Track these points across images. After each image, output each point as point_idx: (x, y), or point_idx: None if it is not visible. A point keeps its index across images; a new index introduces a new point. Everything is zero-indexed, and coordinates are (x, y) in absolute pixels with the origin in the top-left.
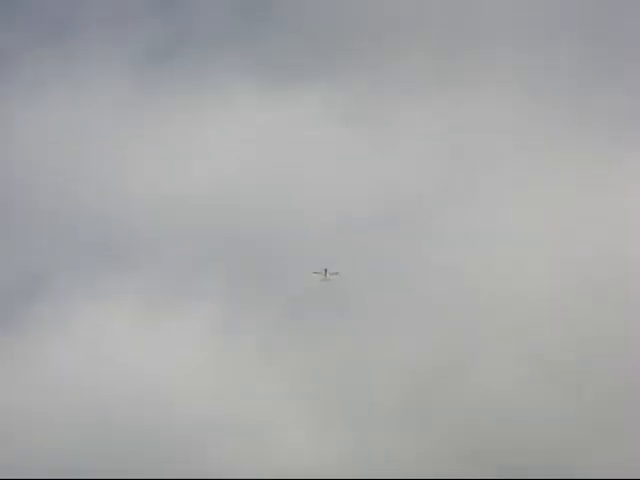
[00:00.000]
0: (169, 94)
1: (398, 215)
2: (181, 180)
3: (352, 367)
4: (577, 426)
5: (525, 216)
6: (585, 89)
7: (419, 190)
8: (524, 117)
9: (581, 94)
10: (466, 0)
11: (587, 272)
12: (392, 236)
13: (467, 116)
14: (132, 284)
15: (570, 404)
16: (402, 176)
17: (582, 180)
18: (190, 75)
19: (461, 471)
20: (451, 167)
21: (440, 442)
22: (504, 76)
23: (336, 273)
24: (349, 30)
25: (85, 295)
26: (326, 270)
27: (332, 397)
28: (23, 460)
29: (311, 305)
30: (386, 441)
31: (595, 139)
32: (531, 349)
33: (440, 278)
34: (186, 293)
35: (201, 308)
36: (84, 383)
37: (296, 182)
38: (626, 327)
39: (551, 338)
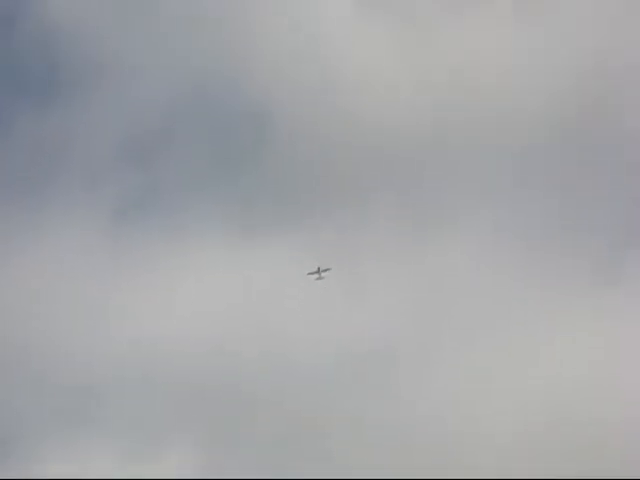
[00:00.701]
0: (145, 242)
1: (368, 363)
2: (158, 327)
3: None
4: None
5: (507, 361)
6: (564, 225)
7: (392, 338)
8: (504, 256)
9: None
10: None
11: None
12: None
13: (444, 260)
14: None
15: None
16: (375, 324)
17: (564, 318)
18: (167, 222)
19: None
20: (427, 314)
21: None
22: (480, 219)
23: (328, 269)
24: (324, 179)
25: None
26: (319, 268)
27: None
28: None
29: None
30: None
31: (576, 276)
32: None
33: (424, 424)
34: (166, 441)
35: (182, 454)
36: None
37: (269, 328)
38: None
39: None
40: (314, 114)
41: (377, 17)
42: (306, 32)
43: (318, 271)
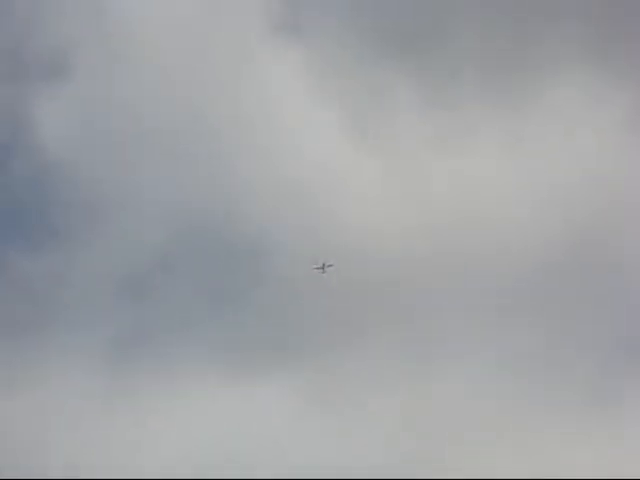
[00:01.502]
0: (139, 380)
1: None
2: (152, 464)
3: None
4: None
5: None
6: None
7: (393, 467)
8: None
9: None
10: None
11: None
12: None
13: (442, 393)
14: None
15: None
16: (376, 454)
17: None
18: (162, 361)
19: None
20: (426, 443)
21: None
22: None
23: (331, 265)
24: (323, 315)
25: None
26: (324, 264)
27: None
28: None
29: None
30: None
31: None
32: None
33: None
34: None
35: None
36: None
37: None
38: None
39: None
40: (310, 250)
41: (365, 148)
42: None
43: (322, 267)
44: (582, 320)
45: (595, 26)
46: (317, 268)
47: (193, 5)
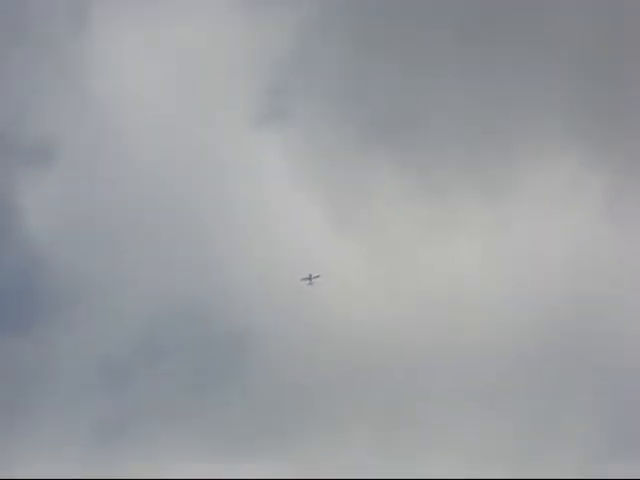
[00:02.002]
0: (121, 466)
1: None
2: None
3: None
4: None
5: None
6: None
7: None
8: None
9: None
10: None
11: None
12: None
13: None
14: None
15: None
16: None
17: None
18: (143, 447)
19: None
20: None
21: None
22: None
23: (318, 276)
24: (306, 400)
25: None
26: (310, 275)
27: None
28: None
29: None
30: None
31: None
32: None
33: None
34: None
35: None
36: None
37: None
38: None
39: None
40: (296, 336)
41: (349, 235)
42: (283, 247)
43: (310, 278)
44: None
45: (576, 114)
46: (304, 279)
47: (178, 95)
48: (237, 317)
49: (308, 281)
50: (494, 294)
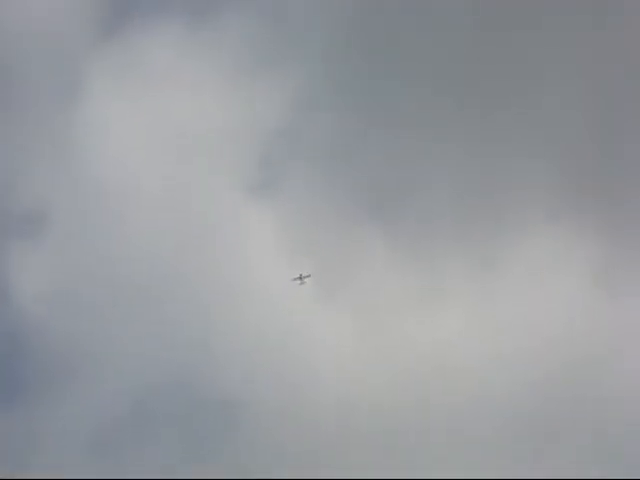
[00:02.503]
0: None
1: None
2: None
3: None
4: None
5: None
6: None
7: None
8: None
9: None
10: None
11: None
12: None
13: None
14: None
15: None
16: None
17: None
18: None
19: None
20: None
21: None
22: None
23: (309, 275)
24: (295, 466)
25: None
26: (301, 275)
27: None
28: None
29: None
30: None
31: None
32: None
33: None
34: None
35: None
36: None
37: None
38: None
39: None
40: (285, 403)
41: (337, 302)
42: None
43: (300, 277)
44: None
45: (562, 184)
46: (296, 279)
47: (170, 164)
48: (227, 384)
49: (299, 281)
50: (484, 363)
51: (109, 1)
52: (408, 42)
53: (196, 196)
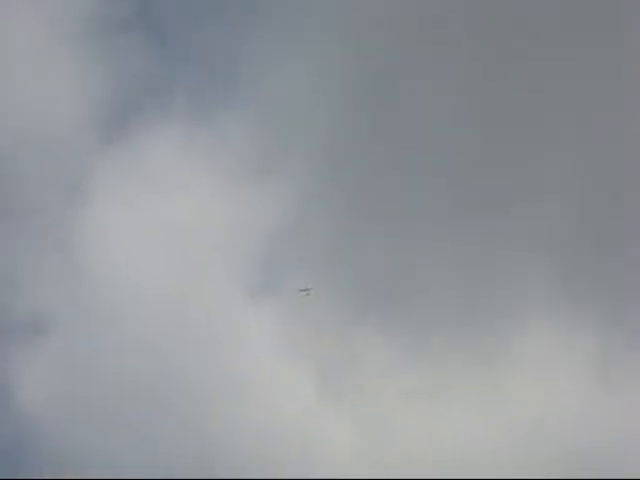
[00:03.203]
0: None
1: None
2: None
3: None
4: None
5: None
6: None
7: None
8: None
9: None
10: None
11: None
12: None
13: None
14: None
15: None
16: None
17: None
18: None
19: None
20: None
21: None
22: None
23: (311, 288)
24: None
25: None
26: (307, 288)
27: None
28: None
29: None
30: None
31: None
32: None
33: None
34: None
35: None
36: None
37: None
38: None
39: None
40: None
41: (340, 401)
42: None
43: (306, 290)
44: None
45: (562, 279)
46: (302, 291)
47: (172, 268)
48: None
49: (305, 292)
50: (484, 458)
51: (111, 104)
52: (409, 139)
53: (197, 298)
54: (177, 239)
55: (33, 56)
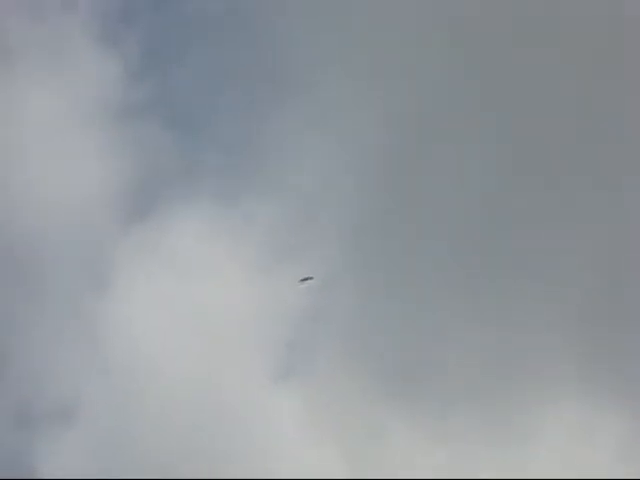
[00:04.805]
0: None
1: None
2: None
3: None
4: None
5: None
6: None
7: None
8: None
9: None
10: None
11: None
12: None
13: None
14: None
15: None
16: None
17: None
18: None
19: None
20: None
21: None
22: None
23: (312, 278)
24: None
25: None
26: (308, 278)
27: None
28: None
29: None
30: None
31: None
32: None
33: None
34: None
35: None
36: None
37: None
38: None
39: None
40: None
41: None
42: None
43: (306, 279)
44: None
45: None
46: (303, 280)
47: (198, 352)
48: None
49: (307, 281)
50: None
51: (134, 187)
52: (427, 221)
53: (223, 383)
54: (201, 322)
55: (56, 138)
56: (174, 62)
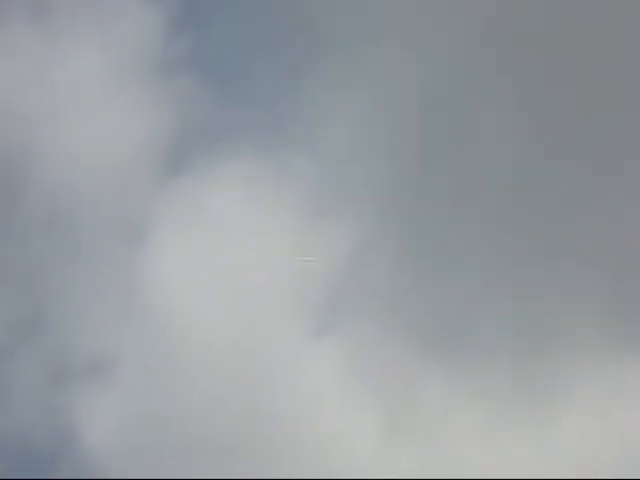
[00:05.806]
0: None
1: None
2: None
3: None
4: None
5: None
6: None
7: None
8: None
9: None
10: None
11: None
12: None
13: None
14: None
15: None
16: None
17: None
18: None
19: None
20: None
21: None
22: None
23: (313, 260)
24: None
25: None
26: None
27: None
28: None
29: None
30: None
31: None
32: None
33: None
34: None
35: None
36: None
37: None
38: None
39: None
40: None
41: (401, 439)
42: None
43: (307, 261)
44: None
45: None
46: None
47: (232, 310)
48: None
49: (305, 260)
50: None
51: (173, 144)
52: (465, 183)
53: (262, 339)
54: (236, 280)
55: (94, 91)
56: (215, 16)
